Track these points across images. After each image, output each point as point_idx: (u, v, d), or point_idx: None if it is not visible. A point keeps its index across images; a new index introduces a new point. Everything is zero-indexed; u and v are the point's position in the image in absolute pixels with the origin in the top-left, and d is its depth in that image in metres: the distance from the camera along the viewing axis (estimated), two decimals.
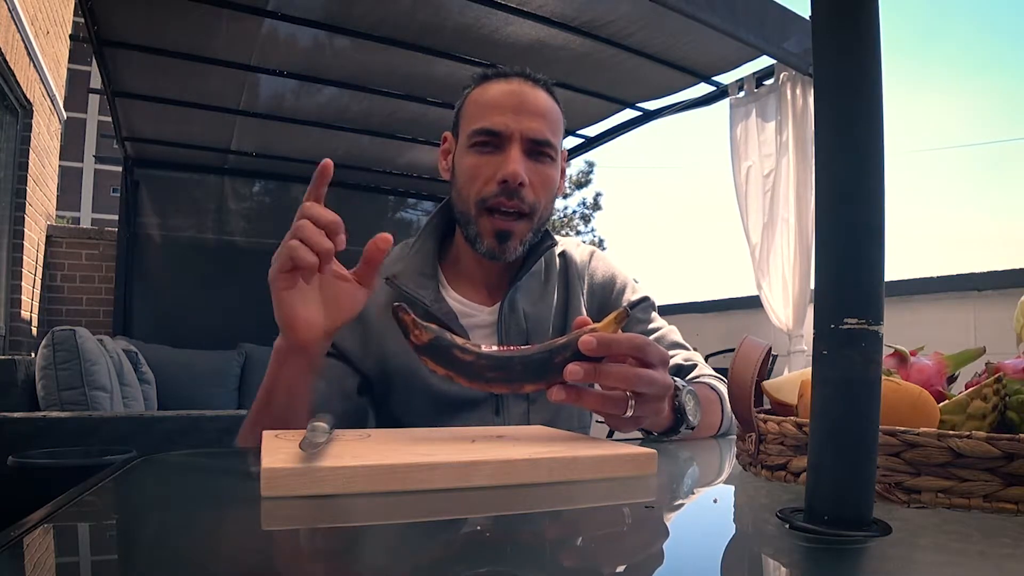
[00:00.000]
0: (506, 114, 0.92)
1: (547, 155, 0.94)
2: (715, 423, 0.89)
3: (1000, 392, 0.52)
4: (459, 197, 0.95)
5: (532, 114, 0.92)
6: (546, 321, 0.98)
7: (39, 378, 2.06)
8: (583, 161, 17.63)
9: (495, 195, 0.91)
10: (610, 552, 0.40)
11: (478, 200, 0.92)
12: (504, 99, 0.93)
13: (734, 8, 2.32)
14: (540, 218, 0.96)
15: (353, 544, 0.41)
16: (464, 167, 0.94)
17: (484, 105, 0.94)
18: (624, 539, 0.43)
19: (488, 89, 0.95)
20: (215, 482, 0.59)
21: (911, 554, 0.39)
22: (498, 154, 0.92)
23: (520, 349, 0.65)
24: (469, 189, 0.93)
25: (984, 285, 2.31)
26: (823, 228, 0.40)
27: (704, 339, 3.30)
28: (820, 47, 0.41)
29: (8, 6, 3.43)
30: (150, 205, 4.07)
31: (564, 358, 0.63)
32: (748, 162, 2.85)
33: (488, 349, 0.64)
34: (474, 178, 0.92)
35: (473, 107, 0.95)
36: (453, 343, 0.63)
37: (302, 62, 2.93)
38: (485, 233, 0.93)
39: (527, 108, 0.92)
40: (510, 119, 0.91)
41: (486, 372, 0.63)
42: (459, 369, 0.63)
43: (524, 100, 0.93)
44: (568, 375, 0.62)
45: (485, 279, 1.00)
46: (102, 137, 21.41)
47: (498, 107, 0.92)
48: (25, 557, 0.35)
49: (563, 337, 0.65)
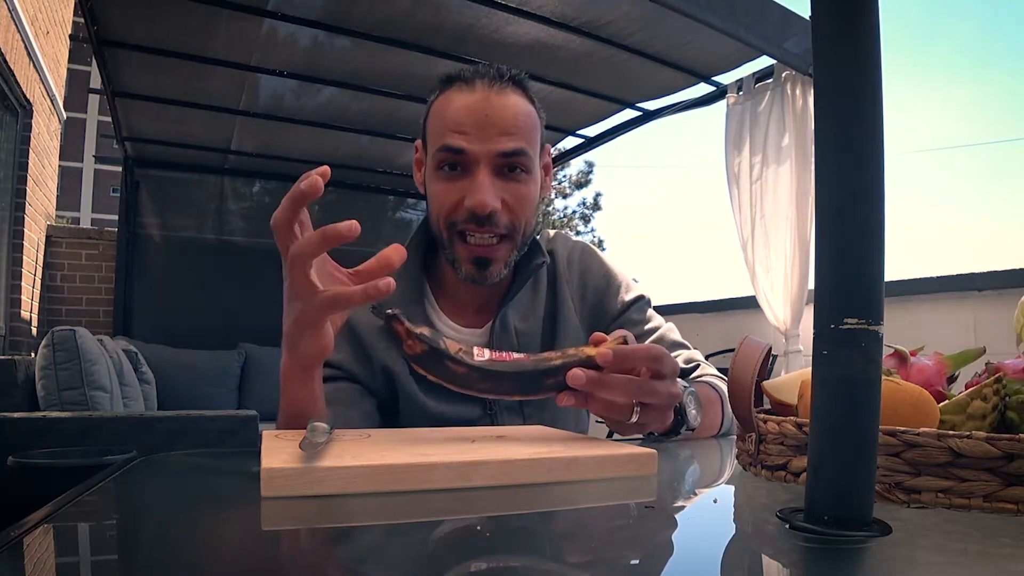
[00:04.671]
0: (469, 132, 0.84)
1: (521, 167, 0.86)
2: (715, 423, 0.89)
3: (1000, 392, 0.52)
4: (433, 219, 0.90)
5: (499, 127, 0.84)
6: (536, 335, 0.96)
7: (39, 378, 2.06)
8: (583, 161, 17.61)
9: (465, 221, 0.85)
10: (610, 552, 0.40)
11: (448, 224, 0.87)
12: (466, 115, 0.85)
13: (734, 8, 2.32)
14: (523, 236, 0.90)
15: (353, 544, 0.41)
16: (432, 191, 0.89)
17: (447, 120, 0.86)
18: (624, 539, 0.43)
19: (451, 99, 0.87)
20: (215, 482, 0.59)
21: (911, 554, 0.39)
22: (465, 177, 0.85)
23: (514, 360, 0.65)
24: (439, 213, 0.88)
25: (984, 285, 2.31)
26: (823, 228, 0.40)
27: (704, 339, 3.30)
28: (820, 47, 0.41)
29: (8, 6, 3.43)
30: (150, 205, 4.08)
31: (556, 380, 0.64)
32: (747, 162, 2.85)
33: (481, 357, 0.64)
34: (442, 203, 0.87)
35: (437, 121, 0.88)
36: (446, 353, 0.63)
37: (302, 62, 2.94)
38: (462, 259, 0.88)
39: (493, 122, 0.84)
40: (474, 138, 0.84)
41: (478, 383, 0.64)
42: (452, 380, 0.64)
43: (489, 113, 0.84)
44: (571, 379, 0.62)
45: (472, 299, 0.96)
46: (102, 137, 21.39)
47: (460, 124, 0.84)
48: (25, 557, 0.35)
49: (558, 355, 0.65)
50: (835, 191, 0.40)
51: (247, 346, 3.95)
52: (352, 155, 3.97)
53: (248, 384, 3.86)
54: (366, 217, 4.44)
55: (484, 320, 0.96)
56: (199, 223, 4.20)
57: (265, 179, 4.39)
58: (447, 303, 0.97)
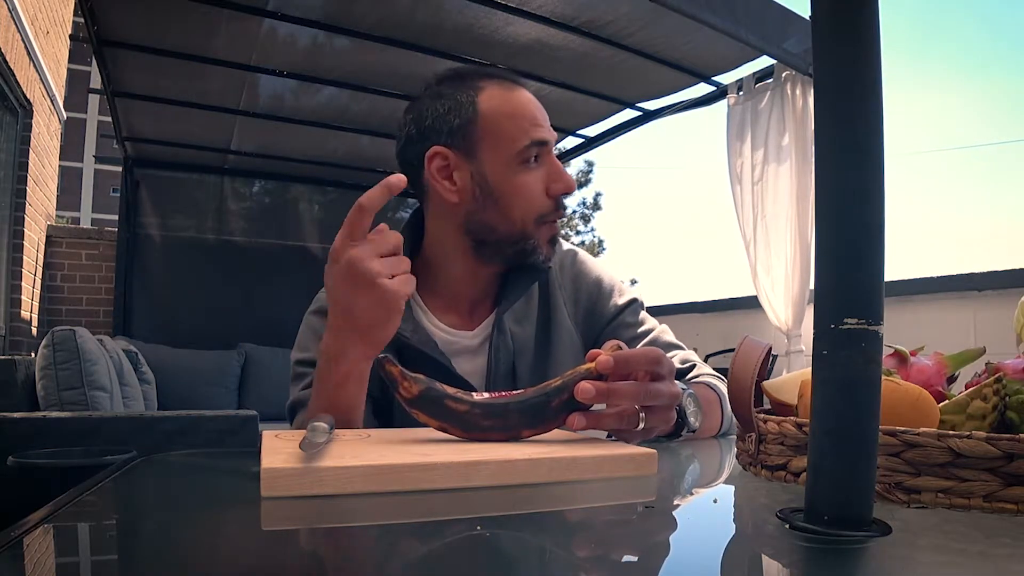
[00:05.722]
0: (543, 123, 0.90)
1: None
2: (715, 424, 0.89)
3: (1000, 392, 0.52)
4: (506, 219, 0.89)
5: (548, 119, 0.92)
6: (530, 340, 0.96)
7: (39, 378, 2.06)
8: (583, 161, 17.62)
9: (553, 210, 0.91)
10: (610, 552, 0.40)
11: (538, 217, 0.90)
12: (536, 109, 0.91)
13: (734, 8, 2.32)
14: None
15: (353, 544, 0.41)
16: (517, 186, 0.89)
17: (522, 117, 0.90)
18: (624, 539, 0.43)
19: (511, 99, 0.91)
20: (215, 482, 0.59)
21: (911, 554, 0.39)
22: (540, 167, 0.90)
23: (513, 395, 0.63)
24: (527, 208, 0.90)
25: (984, 285, 2.31)
26: (823, 228, 0.40)
27: (704, 339, 3.30)
28: (820, 47, 0.41)
29: (8, 6, 3.43)
30: (150, 205, 4.08)
31: (561, 400, 0.62)
32: (747, 162, 2.85)
33: (480, 397, 0.62)
34: (532, 195, 0.90)
35: (507, 120, 0.89)
36: (444, 393, 0.61)
37: (302, 62, 2.94)
38: (543, 243, 0.92)
39: (545, 114, 0.92)
40: (547, 128, 0.91)
41: (481, 421, 0.61)
42: (454, 420, 0.61)
43: (542, 107, 0.92)
44: (580, 393, 0.61)
45: (469, 297, 0.96)
46: (102, 137, 21.39)
47: (536, 118, 0.90)
48: (25, 557, 0.35)
49: (557, 379, 0.64)
50: (835, 191, 0.40)
51: (247, 346, 3.95)
52: (352, 155, 3.96)
53: (248, 384, 3.86)
54: None
55: (476, 322, 0.96)
56: (199, 223, 4.19)
57: (265, 179, 4.38)
58: (435, 303, 0.96)
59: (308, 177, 4.30)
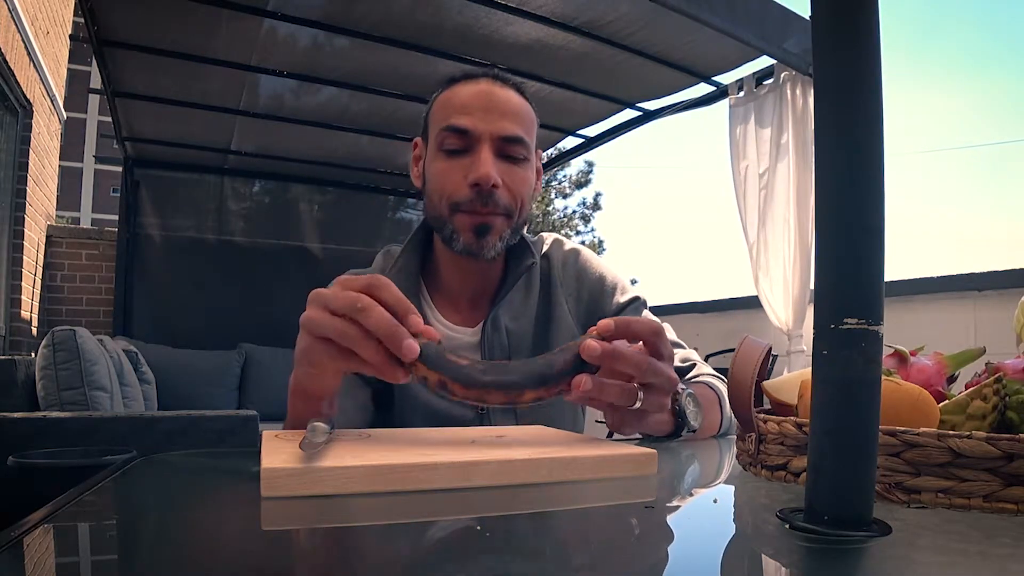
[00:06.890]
0: (474, 113, 0.88)
1: (520, 155, 0.91)
2: (715, 424, 0.89)
3: (1000, 392, 0.52)
4: (431, 203, 0.93)
5: (502, 112, 0.89)
6: (527, 336, 0.97)
7: (39, 378, 2.06)
8: (583, 161, 17.56)
9: (468, 200, 0.88)
10: (610, 552, 0.40)
11: (450, 204, 0.89)
12: (472, 99, 0.90)
13: (734, 8, 2.32)
14: (519, 219, 0.93)
15: (353, 544, 0.41)
16: (434, 172, 0.91)
17: (452, 106, 0.91)
18: (624, 539, 0.43)
19: (456, 91, 0.92)
20: (215, 482, 0.59)
21: (911, 554, 0.39)
22: (467, 156, 0.89)
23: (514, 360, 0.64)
24: (440, 194, 0.90)
25: (984, 285, 2.31)
26: (823, 228, 0.40)
27: (704, 339, 3.30)
28: (820, 47, 0.41)
29: (8, 6, 3.43)
30: (150, 205, 4.08)
31: (565, 361, 0.61)
32: (747, 162, 2.85)
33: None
34: (444, 183, 0.90)
35: (441, 109, 0.92)
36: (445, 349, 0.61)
37: (302, 62, 2.94)
38: (462, 229, 0.89)
39: (496, 107, 0.89)
40: (479, 118, 0.88)
41: (482, 376, 0.59)
42: (454, 373, 0.59)
43: (493, 99, 0.90)
44: (585, 350, 0.60)
45: (466, 293, 0.98)
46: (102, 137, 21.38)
47: (466, 107, 0.89)
48: (25, 557, 0.35)
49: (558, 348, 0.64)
50: (835, 191, 0.40)
51: (247, 346, 3.95)
52: (352, 155, 3.97)
53: (248, 384, 3.86)
54: (366, 217, 4.45)
55: (476, 319, 0.97)
56: (199, 223, 4.19)
57: (265, 179, 4.38)
58: (441, 300, 0.99)
59: (308, 177, 4.30)
